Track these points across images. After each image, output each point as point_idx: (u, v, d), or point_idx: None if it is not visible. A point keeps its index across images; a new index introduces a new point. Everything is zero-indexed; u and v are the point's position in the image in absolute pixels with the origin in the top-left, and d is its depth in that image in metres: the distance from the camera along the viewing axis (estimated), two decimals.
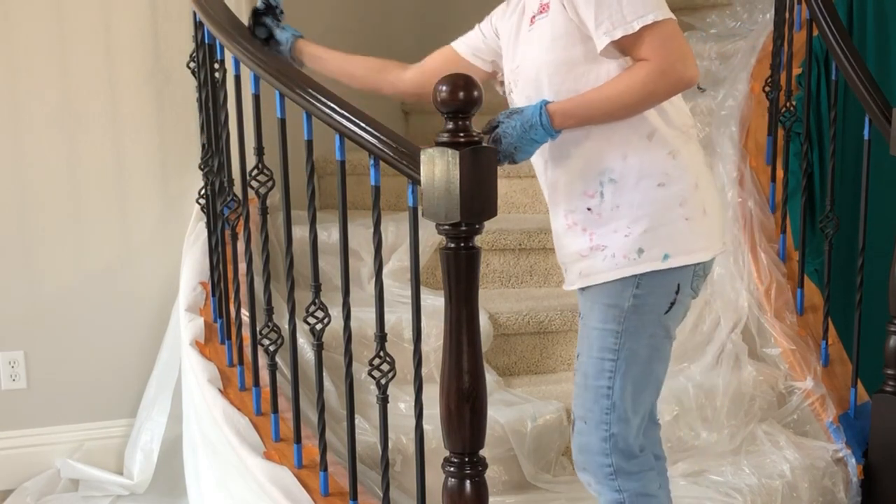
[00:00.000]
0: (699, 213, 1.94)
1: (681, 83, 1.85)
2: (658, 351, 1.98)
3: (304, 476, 2.27)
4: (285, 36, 2.22)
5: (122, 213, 3.19)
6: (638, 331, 1.93)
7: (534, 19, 1.98)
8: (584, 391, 1.99)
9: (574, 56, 1.90)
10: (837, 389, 2.92)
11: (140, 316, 3.23)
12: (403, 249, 3.09)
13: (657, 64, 1.82)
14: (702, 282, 2.00)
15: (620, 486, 1.99)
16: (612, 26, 1.82)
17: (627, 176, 1.91)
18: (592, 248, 1.94)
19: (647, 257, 1.90)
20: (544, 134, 1.85)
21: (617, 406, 1.96)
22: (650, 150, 1.91)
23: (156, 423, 3.12)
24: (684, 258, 1.92)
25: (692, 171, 1.94)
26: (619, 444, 1.98)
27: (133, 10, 3.11)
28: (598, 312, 1.95)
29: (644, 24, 1.80)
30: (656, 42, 1.82)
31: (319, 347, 2.19)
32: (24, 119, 3.09)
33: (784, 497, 2.62)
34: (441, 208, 1.62)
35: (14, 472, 3.16)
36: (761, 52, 3.38)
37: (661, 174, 1.91)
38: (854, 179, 3.05)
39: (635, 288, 1.92)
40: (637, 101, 1.85)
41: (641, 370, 1.96)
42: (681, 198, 1.91)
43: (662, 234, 1.90)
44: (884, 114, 2.75)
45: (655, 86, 1.83)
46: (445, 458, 1.74)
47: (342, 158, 2.03)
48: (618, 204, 1.91)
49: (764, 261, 3.00)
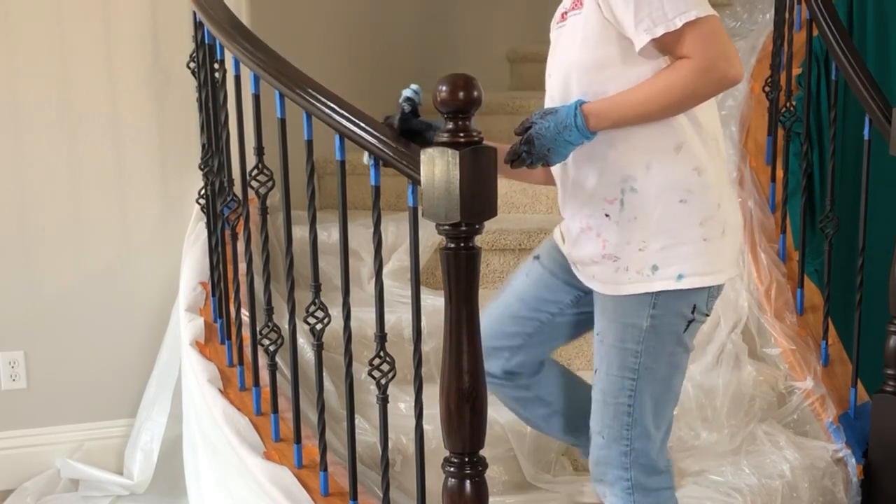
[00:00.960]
0: (718, 234, 1.88)
1: (724, 81, 1.78)
2: (678, 367, 1.95)
3: (304, 476, 2.27)
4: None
5: (122, 213, 3.19)
6: (657, 350, 1.90)
7: (565, 15, 1.92)
8: (603, 407, 1.95)
9: (606, 56, 1.83)
10: (837, 389, 2.92)
11: (140, 316, 3.23)
12: (403, 249, 3.08)
13: (700, 61, 1.75)
14: (714, 302, 1.94)
15: (636, 500, 1.96)
16: (653, 23, 1.75)
17: (649, 187, 1.84)
18: (605, 255, 1.90)
19: (660, 275, 1.86)
20: (579, 136, 1.80)
21: (638, 422, 1.93)
22: (676, 163, 1.84)
23: (156, 423, 3.12)
24: (698, 280, 1.87)
25: (716, 189, 1.88)
26: (641, 460, 1.95)
27: (133, 10, 3.11)
28: (616, 331, 1.91)
29: (686, 21, 1.74)
30: (698, 39, 1.75)
31: (319, 347, 2.19)
32: (24, 119, 3.09)
33: (784, 497, 2.62)
34: (441, 208, 1.62)
35: (14, 472, 3.16)
36: (761, 52, 3.38)
37: (684, 190, 1.85)
38: (854, 179, 3.05)
39: (652, 308, 1.87)
40: (678, 100, 1.78)
41: (662, 387, 1.93)
42: (702, 216, 1.86)
43: (679, 252, 1.85)
44: (884, 114, 2.75)
45: (697, 84, 1.76)
46: (445, 458, 1.74)
47: (342, 158, 2.03)
48: (636, 215, 1.86)
49: (764, 261, 3.00)
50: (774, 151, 3.16)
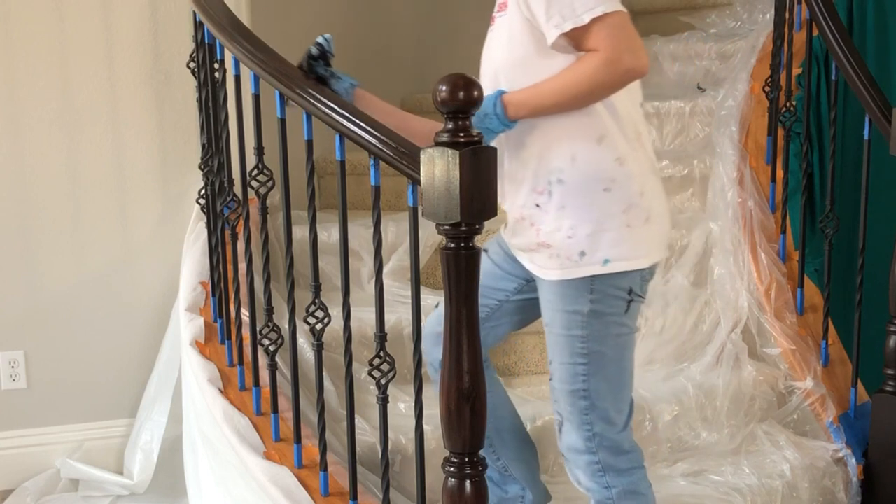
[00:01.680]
0: (641, 221, 1.97)
1: (629, 73, 1.87)
2: (626, 347, 2.03)
3: (304, 476, 2.27)
4: (342, 87, 2.12)
5: (122, 213, 3.19)
6: (602, 333, 1.98)
7: (494, 18, 2.03)
8: (561, 395, 2.03)
9: (527, 53, 1.94)
10: (837, 389, 2.92)
11: (140, 316, 3.23)
12: (403, 249, 3.09)
13: (605, 54, 1.84)
14: (647, 285, 2.03)
15: (609, 482, 2.03)
16: (562, 19, 1.85)
17: (575, 178, 1.94)
18: (539, 243, 1.99)
19: (587, 261, 1.94)
20: (499, 124, 1.90)
21: (596, 406, 2.00)
22: (599, 154, 1.94)
23: (156, 423, 3.12)
24: (624, 264, 1.95)
25: (639, 178, 1.97)
26: (605, 442, 2.02)
27: (133, 9, 3.11)
28: (561, 320, 2.00)
29: (594, 17, 1.83)
30: (604, 33, 1.84)
31: (319, 347, 2.19)
32: (24, 119, 3.09)
33: (784, 497, 2.62)
34: (441, 208, 1.62)
35: (14, 472, 3.16)
36: (761, 52, 3.38)
37: (607, 179, 1.94)
38: (854, 179, 3.05)
39: (590, 293, 1.96)
40: (587, 91, 1.87)
41: (613, 368, 2.01)
42: (625, 204, 1.95)
43: (605, 238, 1.94)
44: (884, 114, 2.75)
45: (604, 76, 1.85)
46: (445, 458, 1.74)
47: (342, 158, 2.03)
48: (564, 204, 1.95)
49: (764, 261, 3.00)
50: (774, 151, 3.16)
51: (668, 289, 3.05)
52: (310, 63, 2.11)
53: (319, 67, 2.10)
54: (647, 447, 2.75)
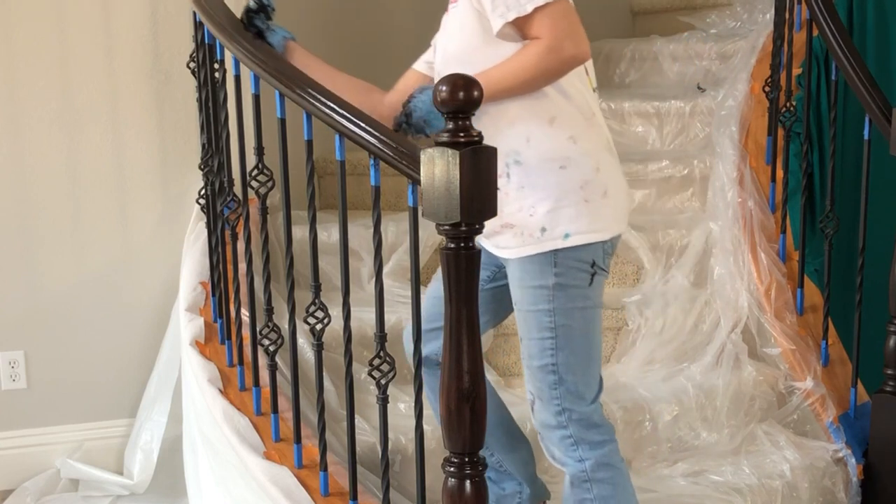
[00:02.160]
0: (599, 196, 2.03)
1: (571, 60, 1.94)
2: (592, 321, 2.07)
3: (304, 476, 2.27)
4: (276, 39, 2.22)
5: (122, 213, 3.19)
6: (568, 306, 2.03)
7: (448, 10, 2.10)
8: (530, 372, 2.08)
9: (477, 42, 2.01)
10: (837, 389, 2.92)
11: (140, 316, 3.23)
12: (403, 249, 3.09)
13: (547, 42, 1.92)
14: (609, 259, 2.09)
15: (582, 455, 2.07)
16: (507, 9, 1.92)
17: (531, 158, 2.01)
18: (503, 225, 2.04)
19: (549, 236, 2.01)
20: None
21: (565, 380, 2.04)
22: (551, 134, 2.01)
23: (156, 423, 3.12)
24: (584, 237, 2.02)
25: (593, 155, 2.04)
26: (575, 416, 2.06)
27: (133, 9, 3.11)
28: (528, 297, 2.05)
29: (536, 6, 1.90)
30: (546, 21, 1.92)
31: (319, 347, 2.19)
32: (24, 119, 3.09)
33: (784, 497, 2.62)
34: (441, 208, 1.62)
35: (14, 472, 3.16)
36: (761, 52, 3.38)
37: (562, 157, 2.01)
38: (854, 179, 3.05)
39: (554, 267, 2.02)
40: (531, 76, 1.95)
41: (581, 342, 2.05)
42: (581, 180, 2.01)
43: (564, 214, 2.01)
44: (884, 114, 2.76)
45: (546, 62, 1.93)
46: (445, 458, 1.74)
47: (342, 158, 2.03)
48: (523, 185, 2.02)
49: (764, 261, 2.99)
50: (774, 151, 3.16)
51: (668, 289, 3.05)
52: (249, 16, 2.20)
53: (258, 20, 2.19)
54: (647, 447, 2.76)
